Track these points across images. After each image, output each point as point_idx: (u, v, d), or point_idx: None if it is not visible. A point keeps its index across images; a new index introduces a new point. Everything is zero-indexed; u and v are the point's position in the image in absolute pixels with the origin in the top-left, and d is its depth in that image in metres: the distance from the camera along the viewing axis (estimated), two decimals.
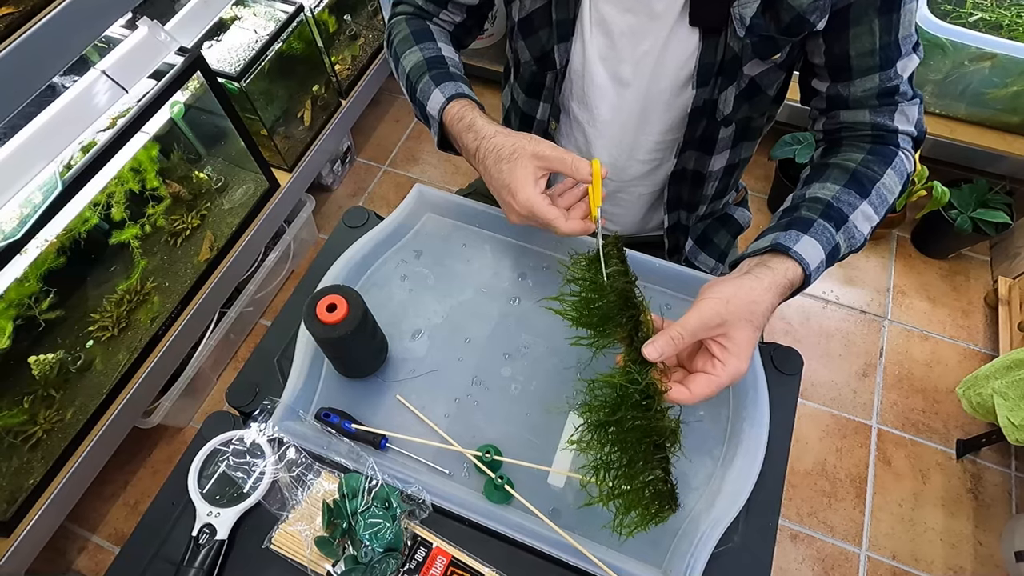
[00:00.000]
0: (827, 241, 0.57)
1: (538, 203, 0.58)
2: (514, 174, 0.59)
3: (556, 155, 0.59)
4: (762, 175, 1.92)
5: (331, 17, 1.62)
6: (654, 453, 0.49)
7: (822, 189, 0.61)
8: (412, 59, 0.72)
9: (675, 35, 0.63)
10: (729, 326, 0.51)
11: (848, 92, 0.63)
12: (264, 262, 1.56)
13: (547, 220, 0.58)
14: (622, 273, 0.55)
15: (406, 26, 0.76)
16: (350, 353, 0.63)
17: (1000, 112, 1.59)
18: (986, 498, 1.40)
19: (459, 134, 0.66)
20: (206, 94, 1.21)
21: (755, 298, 0.52)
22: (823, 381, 1.56)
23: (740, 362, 0.51)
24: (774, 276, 0.54)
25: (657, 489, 0.50)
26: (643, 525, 0.51)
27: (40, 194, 0.94)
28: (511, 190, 0.59)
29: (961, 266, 1.75)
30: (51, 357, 1.11)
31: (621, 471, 0.50)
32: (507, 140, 0.61)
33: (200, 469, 0.60)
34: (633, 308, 0.53)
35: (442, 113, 0.68)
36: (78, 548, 1.34)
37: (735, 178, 0.83)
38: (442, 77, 0.69)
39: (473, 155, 0.65)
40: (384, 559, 0.53)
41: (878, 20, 0.57)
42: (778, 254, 0.56)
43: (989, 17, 1.51)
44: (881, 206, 0.61)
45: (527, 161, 0.59)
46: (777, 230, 0.58)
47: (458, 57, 0.75)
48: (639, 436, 0.49)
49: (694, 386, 0.50)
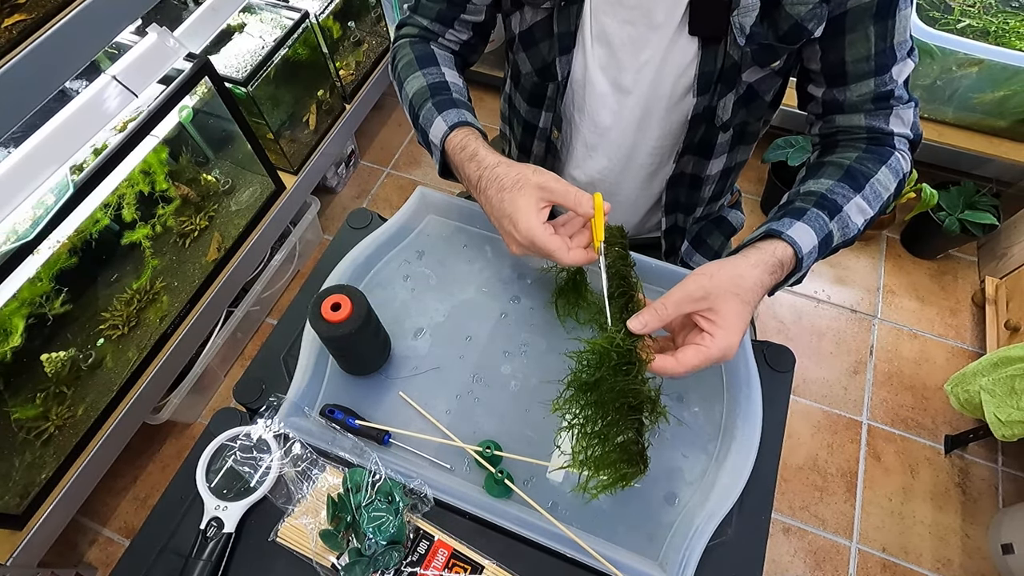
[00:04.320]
0: (820, 228, 0.57)
1: (540, 233, 0.57)
2: (516, 204, 0.58)
3: (559, 188, 0.58)
4: (755, 178, 1.94)
5: (335, 24, 1.64)
6: (628, 414, 0.50)
7: (816, 184, 0.62)
8: (415, 84, 0.71)
9: (675, 44, 0.63)
10: (714, 299, 0.51)
11: (844, 97, 0.64)
12: (270, 262, 1.57)
13: (549, 250, 0.57)
14: (622, 257, 0.57)
15: (410, 50, 0.75)
16: (354, 351, 0.64)
17: (987, 116, 1.61)
18: (973, 492, 1.42)
19: (461, 164, 0.65)
20: (214, 99, 1.22)
21: (740, 272, 0.52)
22: (815, 378, 1.57)
23: (729, 335, 0.50)
24: (761, 254, 0.55)
25: (628, 450, 0.51)
26: (611, 487, 0.52)
27: (52, 196, 0.96)
28: (512, 220, 0.58)
29: (949, 266, 1.76)
30: (63, 355, 1.13)
31: (596, 432, 0.51)
32: (510, 170, 0.61)
33: (208, 464, 0.61)
34: (628, 287, 0.55)
35: (444, 142, 0.67)
36: (89, 541, 1.36)
37: (731, 181, 0.84)
38: (445, 104, 0.68)
39: (475, 185, 0.64)
40: (387, 551, 0.54)
41: (873, 27, 0.58)
42: (769, 238, 0.57)
43: (976, 24, 1.53)
44: (875, 201, 0.61)
45: (530, 191, 0.58)
46: (770, 221, 0.59)
47: (462, 82, 0.74)
48: (615, 397, 0.50)
49: (682, 356, 0.50)
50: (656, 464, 0.60)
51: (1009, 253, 1.62)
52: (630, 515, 0.59)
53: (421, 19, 0.76)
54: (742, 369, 0.65)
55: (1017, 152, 1.63)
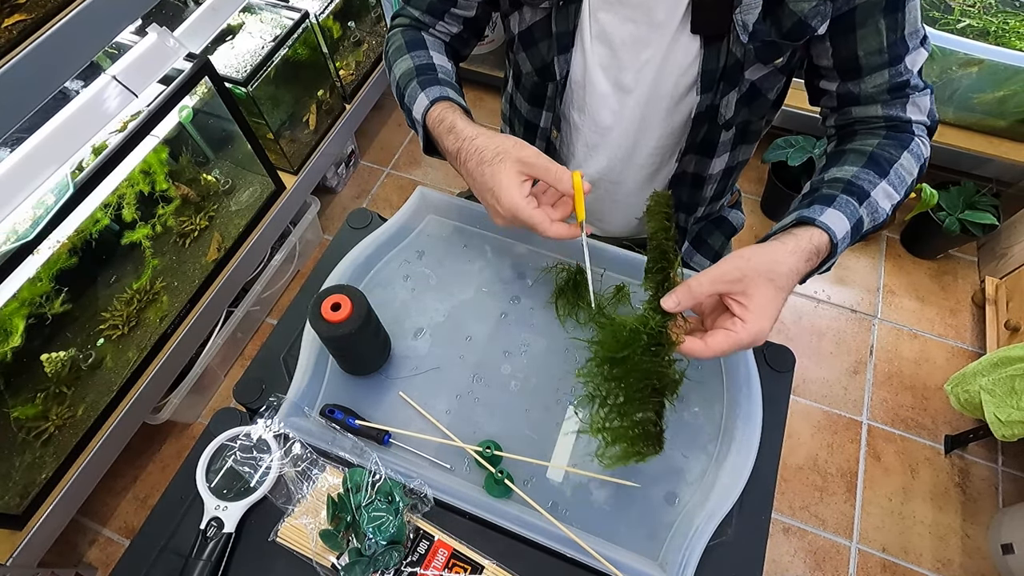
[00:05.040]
0: (851, 213, 0.56)
1: (522, 206, 0.58)
2: (497, 177, 0.59)
3: (540, 163, 0.58)
4: (755, 178, 1.94)
5: (335, 24, 1.64)
6: (651, 395, 0.50)
7: (840, 171, 0.61)
8: (403, 66, 0.72)
9: (677, 43, 0.63)
10: (748, 282, 0.50)
11: (859, 89, 0.64)
12: (270, 262, 1.58)
13: (532, 223, 0.58)
14: (664, 230, 0.55)
15: (401, 37, 0.76)
16: (354, 351, 0.64)
17: (987, 116, 1.62)
18: (973, 492, 1.42)
19: (440, 136, 0.66)
20: (214, 99, 1.23)
21: (776, 258, 0.51)
22: (815, 378, 1.58)
23: (761, 321, 0.49)
24: (798, 241, 0.53)
25: (646, 429, 0.51)
26: (625, 460, 0.52)
27: (52, 196, 0.96)
28: (495, 193, 0.59)
29: (949, 266, 1.77)
30: (63, 355, 1.13)
31: (617, 406, 0.51)
32: (490, 142, 0.61)
33: (208, 464, 0.61)
34: (665, 262, 0.53)
35: (425, 116, 0.67)
36: (89, 541, 1.36)
37: (733, 180, 0.84)
38: (429, 82, 0.69)
39: (455, 157, 0.64)
40: (387, 551, 0.54)
41: (884, 20, 0.58)
42: (802, 225, 0.56)
43: (976, 24, 1.53)
44: (900, 186, 0.61)
45: (511, 164, 0.58)
46: (800, 208, 0.57)
47: (450, 66, 0.74)
48: (640, 377, 0.50)
49: (711, 340, 0.50)
50: (656, 464, 0.60)
51: (1009, 253, 1.63)
52: (630, 515, 0.59)
53: (413, 10, 0.77)
54: (742, 369, 0.65)
55: (1017, 152, 1.63)
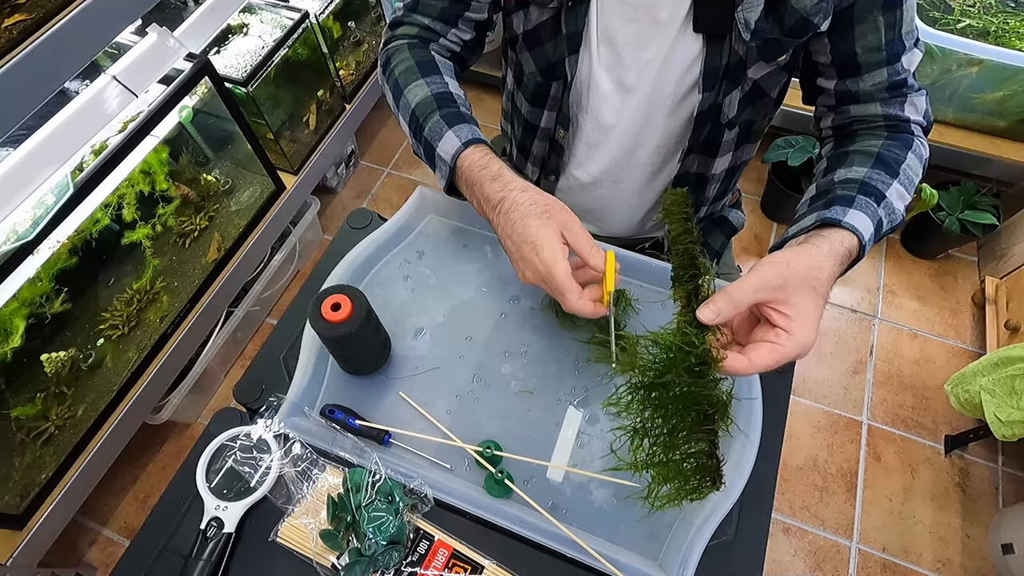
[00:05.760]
0: (872, 214, 0.55)
1: (562, 269, 0.55)
2: (542, 231, 0.56)
3: (581, 235, 0.57)
4: (755, 178, 1.94)
5: (335, 24, 1.64)
6: (702, 424, 0.45)
7: (850, 172, 0.60)
8: (419, 93, 0.69)
9: (679, 41, 0.63)
10: (791, 291, 0.47)
11: (858, 87, 0.64)
12: (270, 262, 1.58)
13: (562, 289, 0.55)
14: (687, 232, 0.51)
15: (409, 55, 0.72)
16: (354, 351, 0.64)
17: (987, 116, 1.62)
18: (974, 492, 1.42)
19: (479, 182, 0.63)
20: (214, 99, 1.22)
21: (816, 263, 0.49)
22: (815, 378, 1.58)
23: (806, 331, 0.46)
24: (832, 244, 0.51)
25: (700, 463, 0.45)
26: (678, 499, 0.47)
27: (52, 196, 0.96)
28: (536, 246, 0.56)
29: (949, 266, 1.77)
30: (63, 355, 1.13)
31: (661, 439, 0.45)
32: (541, 198, 0.59)
33: (208, 464, 0.61)
34: (695, 268, 0.49)
35: (456, 158, 0.64)
36: (89, 541, 1.36)
37: (735, 180, 0.84)
38: (454, 118, 0.66)
39: (494, 205, 0.61)
40: (387, 551, 0.54)
41: (882, 17, 0.59)
42: (828, 227, 0.54)
43: (976, 24, 1.53)
44: (910, 186, 0.60)
45: (556, 226, 0.57)
46: (818, 209, 0.56)
47: (463, 93, 0.72)
48: (686, 404, 0.45)
49: (755, 355, 0.46)
50: None
51: (1009, 253, 1.63)
52: (630, 515, 0.59)
53: (422, 18, 0.73)
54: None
55: (1017, 152, 1.63)
